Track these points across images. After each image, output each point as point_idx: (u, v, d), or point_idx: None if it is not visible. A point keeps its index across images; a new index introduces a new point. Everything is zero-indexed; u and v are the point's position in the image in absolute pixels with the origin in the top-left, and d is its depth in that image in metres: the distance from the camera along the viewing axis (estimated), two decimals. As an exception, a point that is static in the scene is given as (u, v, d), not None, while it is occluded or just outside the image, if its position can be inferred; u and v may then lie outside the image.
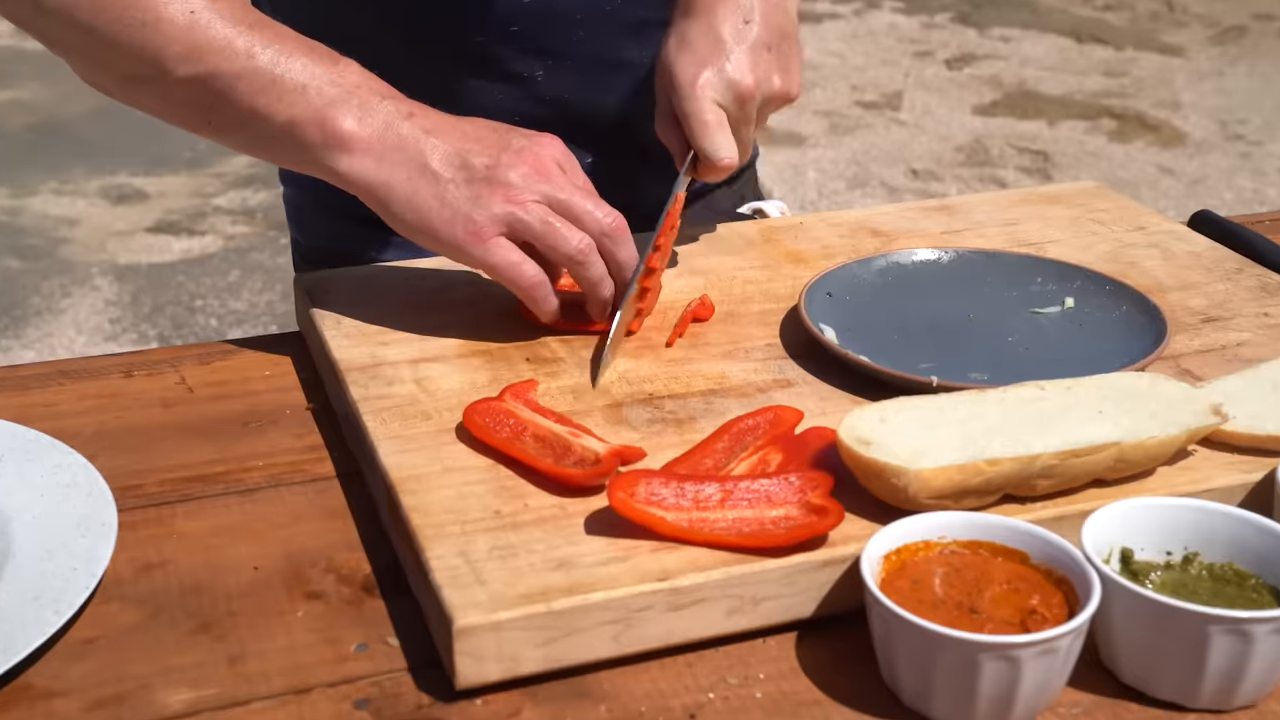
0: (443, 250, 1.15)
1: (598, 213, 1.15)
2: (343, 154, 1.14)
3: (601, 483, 0.97)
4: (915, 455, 0.94)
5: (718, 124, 1.22)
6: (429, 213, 1.14)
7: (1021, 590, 0.87)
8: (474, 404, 1.04)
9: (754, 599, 0.90)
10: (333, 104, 1.14)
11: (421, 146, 1.14)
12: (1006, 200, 1.51)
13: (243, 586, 0.95)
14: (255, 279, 4.05)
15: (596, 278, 1.16)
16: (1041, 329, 1.21)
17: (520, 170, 1.14)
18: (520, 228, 1.14)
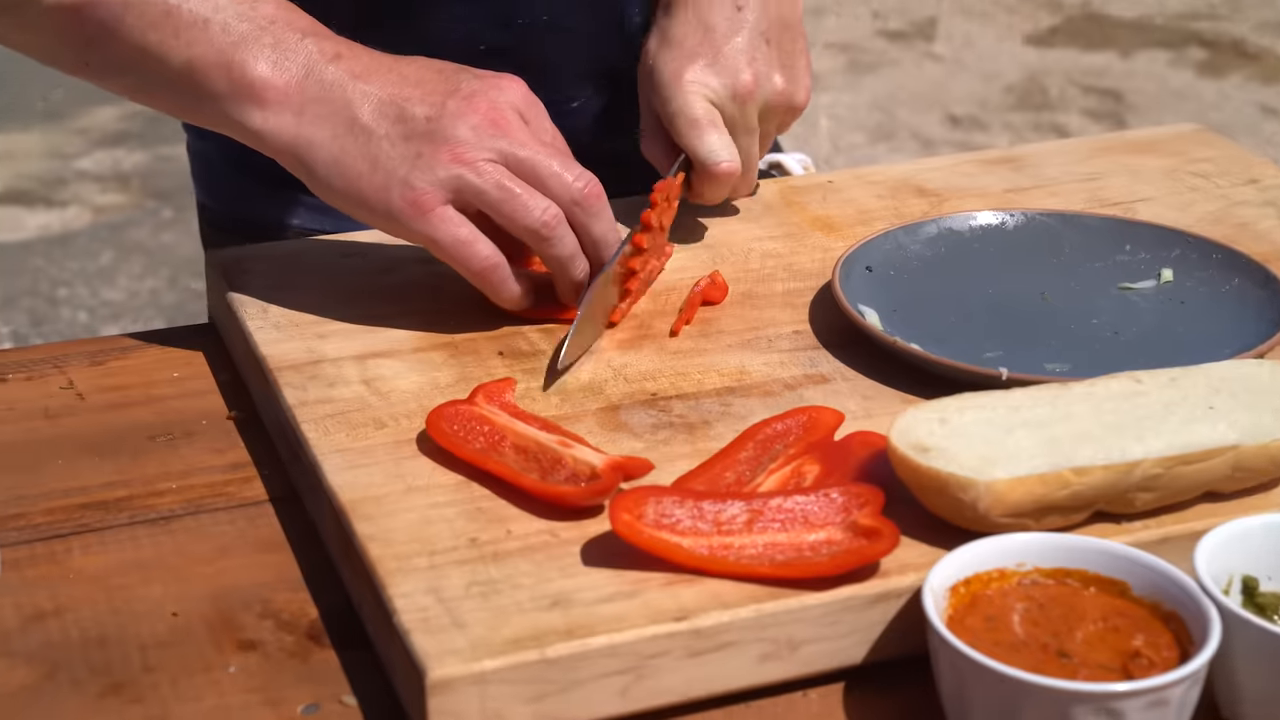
0: (377, 223, 1.16)
1: (566, 175, 1.16)
2: (254, 106, 1.15)
3: (601, 502, 0.99)
4: (985, 464, 0.96)
5: (710, 122, 1.25)
6: (358, 178, 1.15)
7: (1121, 629, 0.89)
8: (439, 409, 1.06)
9: (791, 642, 0.92)
10: (241, 43, 1.15)
11: (349, 95, 1.15)
12: (1085, 149, 1.53)
13: (160, 636, 0.96)
14: (134, 261, 4.05)
15: (566, 255, 1.18)
16: (1133, 308, 1.23)
17: (470, 121, 1.15)
18: (470, 194, 1.15)
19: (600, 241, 1.19)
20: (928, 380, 1.13)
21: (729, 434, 1.08)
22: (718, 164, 1.26)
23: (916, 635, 0.92)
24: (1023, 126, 4.86)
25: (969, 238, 1.31)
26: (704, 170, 1.26)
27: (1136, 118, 4.88)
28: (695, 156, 1.26)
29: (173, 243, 4.11)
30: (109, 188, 4.46)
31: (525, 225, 1.15)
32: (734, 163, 1.26)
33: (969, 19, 5.73)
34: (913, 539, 0.96)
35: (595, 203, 1.18)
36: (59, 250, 4.11)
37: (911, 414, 1.01)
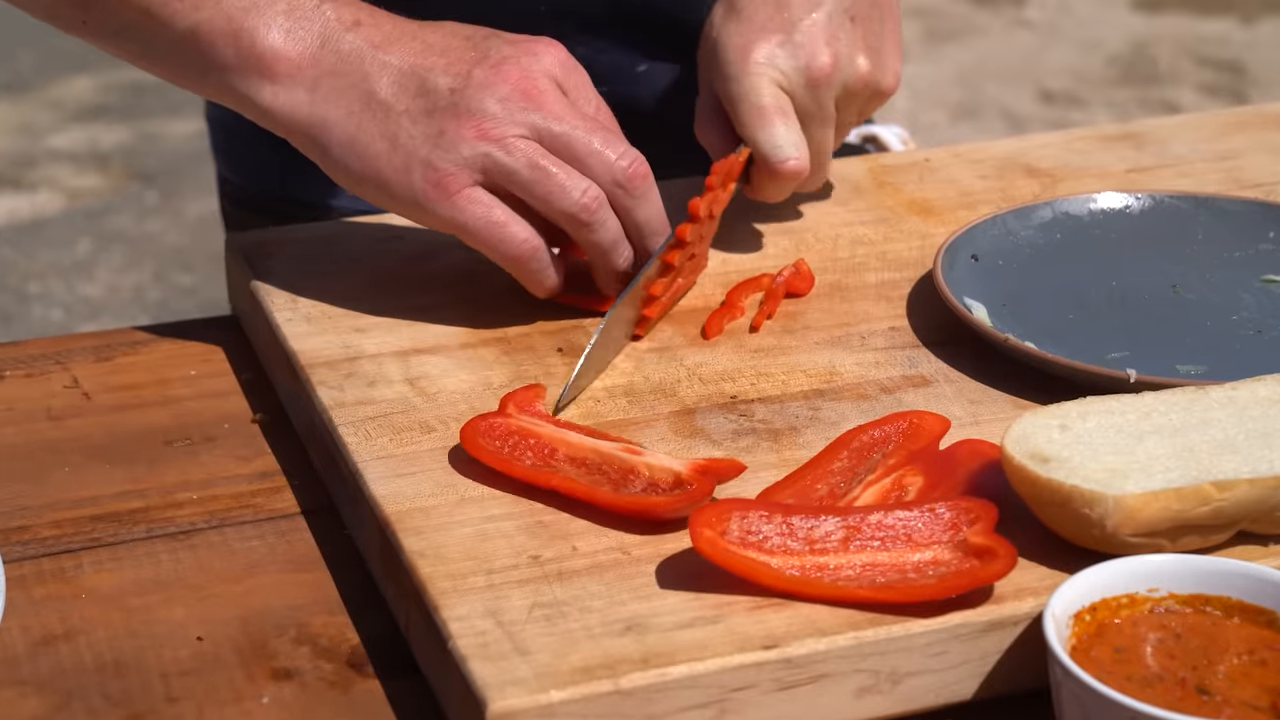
0: (399, 208, 1.19)
1: (609, 152, 1.18)
2: (263, 80, 1.17)
3: (690, 511, 1.00)
4: (1114, 477, 0.97)
5: (778, 110, 1.25)
6: (376, 158, 1.17)
7: (1270, 663, 0.90)
8: (472, 425, 1.08)
9: (893, 675, 0.94)
10: (253, 8, 1.17)
11: (367, 67, 1.17)
12: (1217, 124, 1.55)
13: (183, 663, 0.98)
14: (114, 253, 4.08)
15: (608, 243, 1.19)
16: (1279, 303, 1.25)
17: (500, 92, 1.17)
18: (500, 174, 1.16)
19: (645, 228, 1.20)
20: (1043, 383, 1.14)
21: (819, 442, 1.09)
22: (783, 161, 1.26)
23: (1035, 668, 0.93)
24: (1128, 103, 4.85)
25: (1088, 223, 1.33)
26: (767, 166, 1.26)
27: (1260, 93, 4.86)
28: (758, 150, 1.26)
29: (158, 231, 4.13)
30: (85, 169, 4.48)
31: (562, 209, 1.17)
32: (801, 160, 1.26)
33: (1067, -20, 5.72)
34: (1030, 560, 0.98)
35: (640, 184, 1.19)
36: (29, 240, 4.13)
37: (1027, 420, 1.02)
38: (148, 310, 3.85)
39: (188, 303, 3.81)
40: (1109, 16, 5.45)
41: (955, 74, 5.09)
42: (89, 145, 4.59)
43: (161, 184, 4.31)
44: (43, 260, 4.05)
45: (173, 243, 4.07)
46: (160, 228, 4.15)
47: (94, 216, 4.24)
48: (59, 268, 4.02)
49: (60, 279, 3.98)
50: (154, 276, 3.99)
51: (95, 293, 3.93)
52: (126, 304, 3.88)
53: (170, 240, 4.09)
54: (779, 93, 1.25)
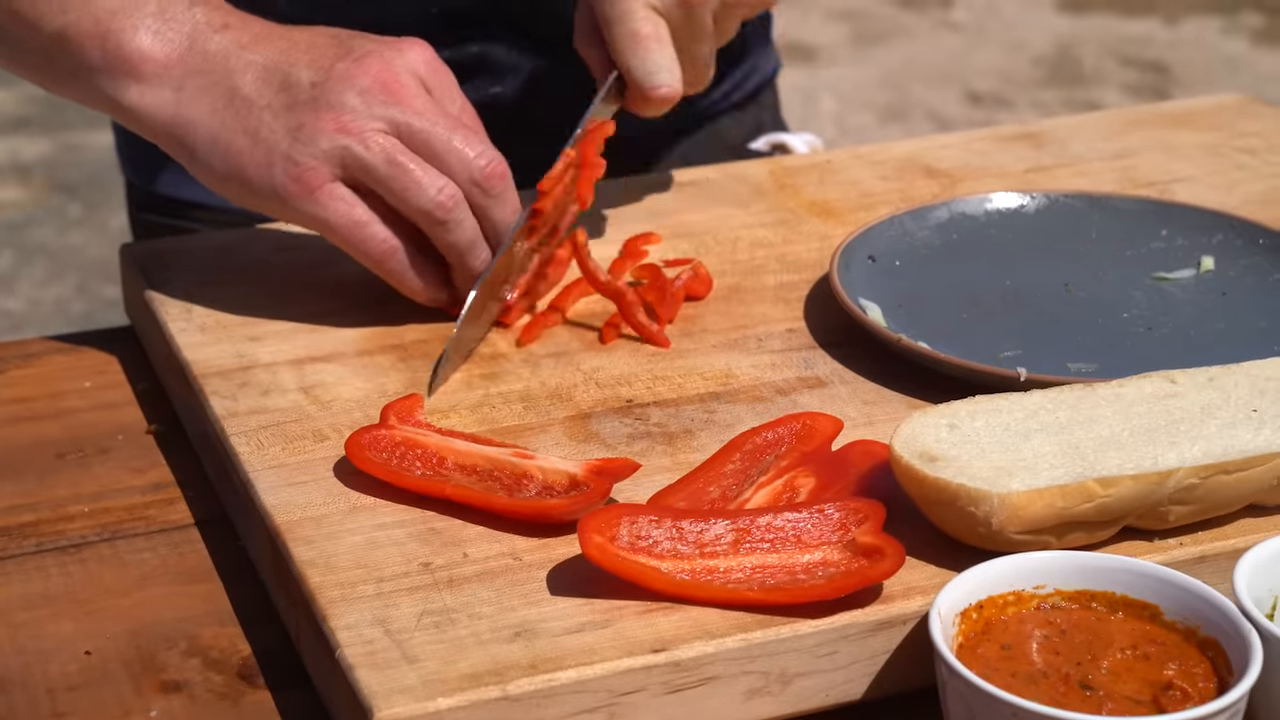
0: (264, 206, 1.18)
1: (468, 150, 1.18)
2: (129, 80, 1.17)
3: (587, 512, 1.00)
4: (1000, 475, 0.98)
5: (654, 37, 1.25)
6: (238, 154, 1.16)
7: (1152, 656, 0.91)
8: (355, 438, 1.08)
9: (783, 675, 0.94)
10: (121, 11, 1.17)
11: (231, 65, 1.17)
12: (1115, 123, 1.56)
13: (71, 678, 0.98)
14: (36, 266, 4.06)
15: (464, 243, 1.19)
16: (1170, 300, 1.26)
17: (360, 85, 1.17)
18: (357, 168, 1.16)
19: (501, 228, 1.20)
20: (936, 382, 1.15)
21: (713, 445, 1.10)
22: (655, 88, 1.25)
23: (925, 666, 0.93)
24: (1054, 104, 4.88)
25: (984, 223, 1.34)
26: (640, 92, 1.26)
27: (1183, 93, 4.90)
28: (630, 75, 1.25)
29: (81, 244, 4.11)
30: (7, 181, 4.46)
31: (418, 206, 1.17)
32: (673, 86, 1.25)
33: (992, -19, 5.75)
34: (919, 559, 0.98)
35: (497, 183, 1.19)
36: (-50, 253, 4.11)
37: (917, 419, 1.03)
38: (71, 323, 3.83)
39: (111, 314, 3.78)
40: (1035, 18, 5.49)
41: (882, 76, 5.11)
42: (10, 157, 4.57)
43: (84, 196, 4.29)
44: (-38, 274, 4.03)
45: (96, 255, 4.05)
46: (83, 240, 4.13)
47: (15, 229, 4.22)
48: (-21, 281, 3.99)
49: (-19, 292, 3.95)
50: (77, 289, 3.97)
51: (17, 306, 3.91)
52: (49, 317, 3.86)
53: (93, 252, 4.07)
54: (653, 15, 1.24)
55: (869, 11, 5.53)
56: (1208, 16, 5.46)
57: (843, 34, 5.36)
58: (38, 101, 4.79)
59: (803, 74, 5.07)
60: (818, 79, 5.06)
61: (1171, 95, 4.89)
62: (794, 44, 5.25)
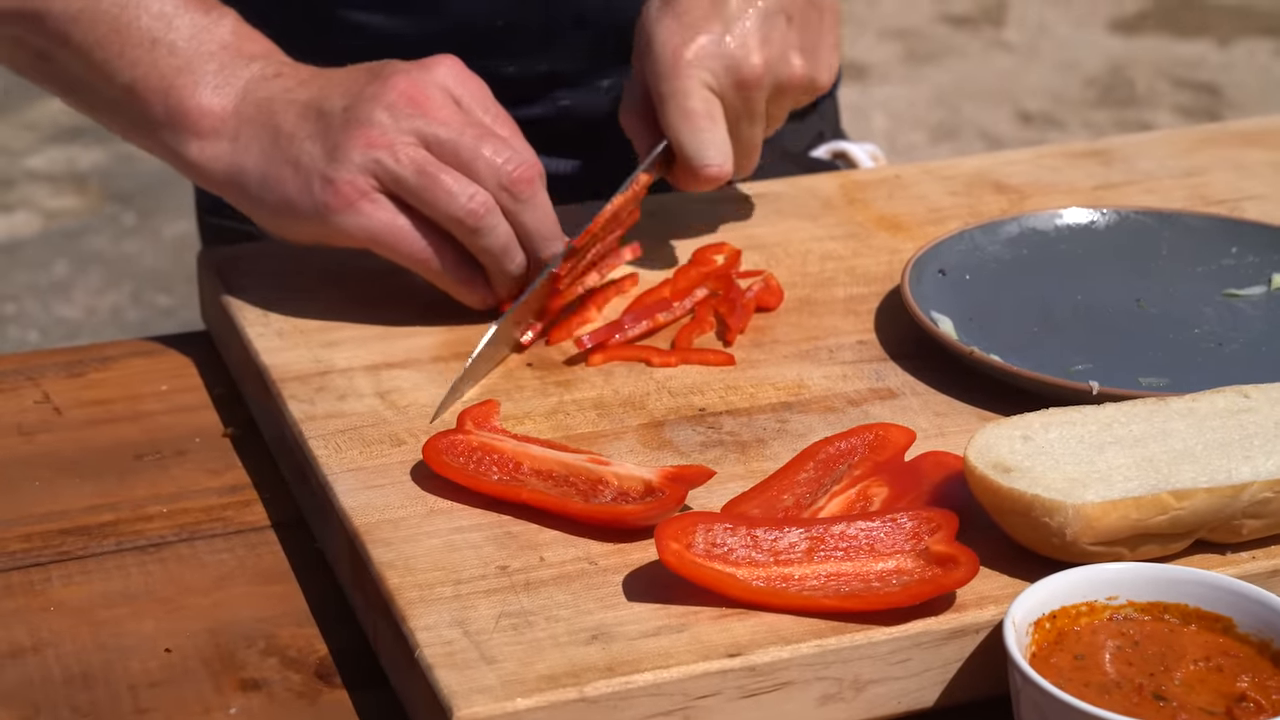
0: (309, 228, 1.21)
1: (496, 157, 1.19)
2: (190, 136, 1.22)
3: (664, 518, 1.01)
4: (1074, 486, 0.99)
5: (706, 115, 1.25)
6: (283, 184, 1.20)
7: (1225, 669, 0.92)
8: (433, 443, 1.09)
9: (856, 682, 0.95)
10: (186, 68, 1.21)
11: (276, 108, 1.21)
12: (1184, 142, 1.56)
13: (152, 675, 0.99)
14: (92, 274, 4.08)
15: (498, 248, 1.21)
16: (1241, 316, 1.27)
17: (387, 101, 1.19)
18: (390, 180, 1.19)
19: (534, 233, 1.21)
20: (1008, 396, 1.16)
21: (786, 454, 1.11)
22: (704, 166, 1.26)
23: (996, 675, 0.94)
24: (1105, 124, 4.87)
25: (1054, 238, 1.35)
26: (689, 169, 1.27)
27: (1237, 115, 4.88)
28: (681, 152, 1.26)
29: (136, 252, 4.13)
30: (62, 189, 4.48)
31: (449, 213, 1.19)
32: (723, 166, 1.26)
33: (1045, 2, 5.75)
34: (992, 569, 0.99)
35: (525, 189, 1.20)
36: (5, 261, 4.13)
37: (991, 431, 1.03)
38: (125, 331, 3.85)
39: (166, 324, 3.80)
40: (1087, 38, 5.47)
41: (934, 95, 5.11)
42: (66, 166, 4.59)
43: (139, 205, 4.31)
44: (19, 281, 4.05)
45: (150, 264, 4.07)
46: (138, 249, 4.15)
47: (71, 237, 4.24)
48: (36, 289, 4.02)
49: (37, 300, 3.98)
50: (131, 297, 3.99)
51: (72, 314, 3.93)
52: (104, 325, 3.88)
53: (148, 261, 4.09)
54: (708, 95, 1.25)
55: (921, 31, 5.52)
56: (1260, 39, 5.44)
57: (895, 53, 5.36)
58: (94, 111, 4.80)
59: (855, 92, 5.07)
60: (870, 97, 5.07)
61: (1224, 117, 4.87)
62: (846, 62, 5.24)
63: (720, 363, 1.21)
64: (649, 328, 1.24)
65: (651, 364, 1.21)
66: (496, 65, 1.40)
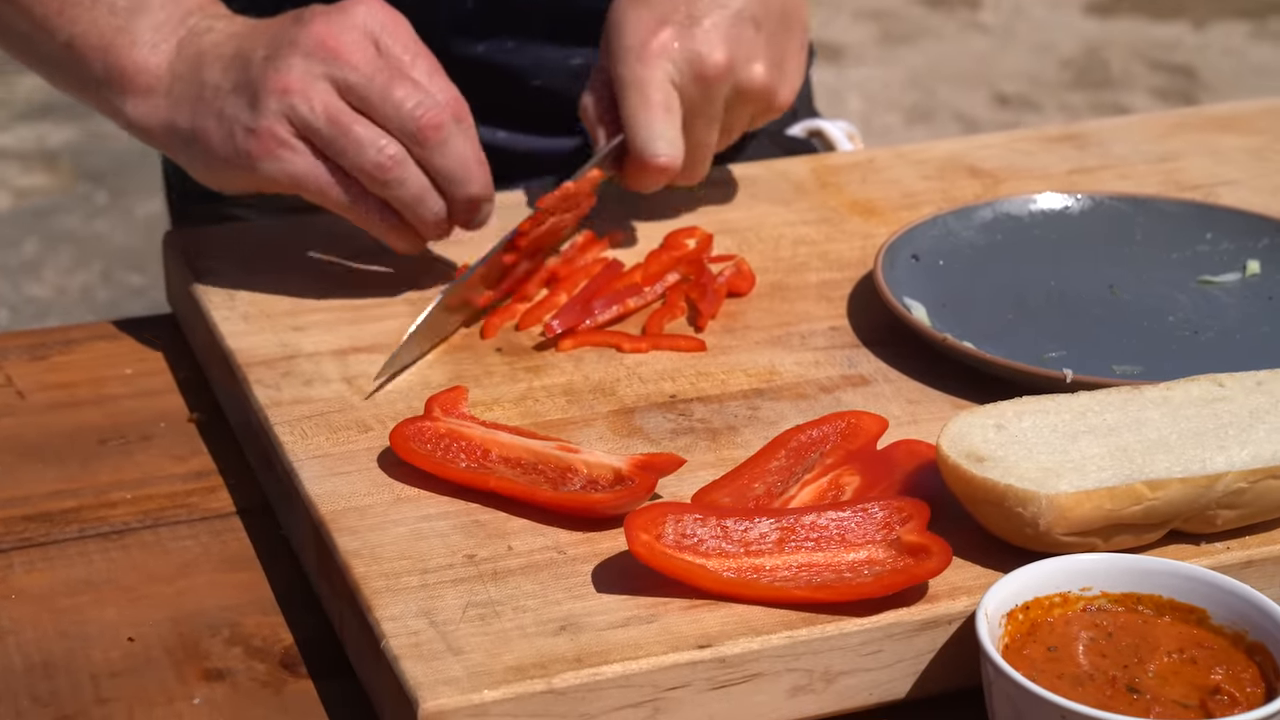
0: (241, 181, 1.20)
1: (406, 102, 1.17)
2: (127, 94, 1.21)
3: (637, 506, 1.00)
4: (1047, 476, 0.98)
5: (664, 106, 1.25)
6: (209, 136, 1.19)
7: (1199, 661, 0.91)
8: (400, 429, 1.08)
9: (827, 673, 0.94)
10: (124, 28, 1.20)
11: (204, 62, 1.20)
12: (1159, 126, 1.56)
13: (114, 664, 0.98)
14: (62, 252, 4.06)
15: (410, 197, 1.19)
16: (1215, 304, 1.26)
17: (304, 48, 1.18)
18: (304, 128, 1.18)
19: (444, 176, 1.19)
20: (981, 383, 1.15)
21: (757, 441, 1.10)
22: (654, 156, 1.25)
23: (968, 666, 0.94)
24: (1081, 107, 4.87)
25: (1028, 223, 1.34)
26: (638, 157, 1.26)
27: (1211, 98, 4.89)
28: (633, 140, 1.26)
29: (107, 231, 4.12)
30: (33, 167, 4.46)
31: (359, 165, 1.18)
32: (672, 158, 1.25)
33: (1021, -17, 5.74)
34: (965, 559, 0.98)
35: (433, 135, 1.18)
36: (-24, 239, 4.12)
37: (964, 419, 1.03)
38: (96, 311, 3.84)
39: (137, 303, 3.79)
40: (1062, 20, 5.48)
41: (910, 77, 5.10)
42: (36, 144, 4.58)
43: (110, 183, 4.30)
44: (-11, 260, 4.04)
45: (121, 242, 4.05)
46: (109, 228, 4.13)
47: (41, 216, 4.23)
48: (5, 268, 4.00)
49: (6, 279, 3.96)
50: (102, 277, 3.98)
51: (42, 293, 3.92)
52: (74, 304, 3.87)
53: (119, 240, 4.07)
54: (669, 88, 1.25)
55: (896, 12, 5.52)
56: (1236, 21, 5.45)
57: (870, 34, 5.36)
58: (64, 88, 4.78)
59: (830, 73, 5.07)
60: (845, 78, 5.06)
61: (1199, 100, 4.88)
62: (821, 43, 5.24)
63: (692, 348, 1.20)
64: (619, 313, 1.23)
65: (622, 349, 1.20)
66: None
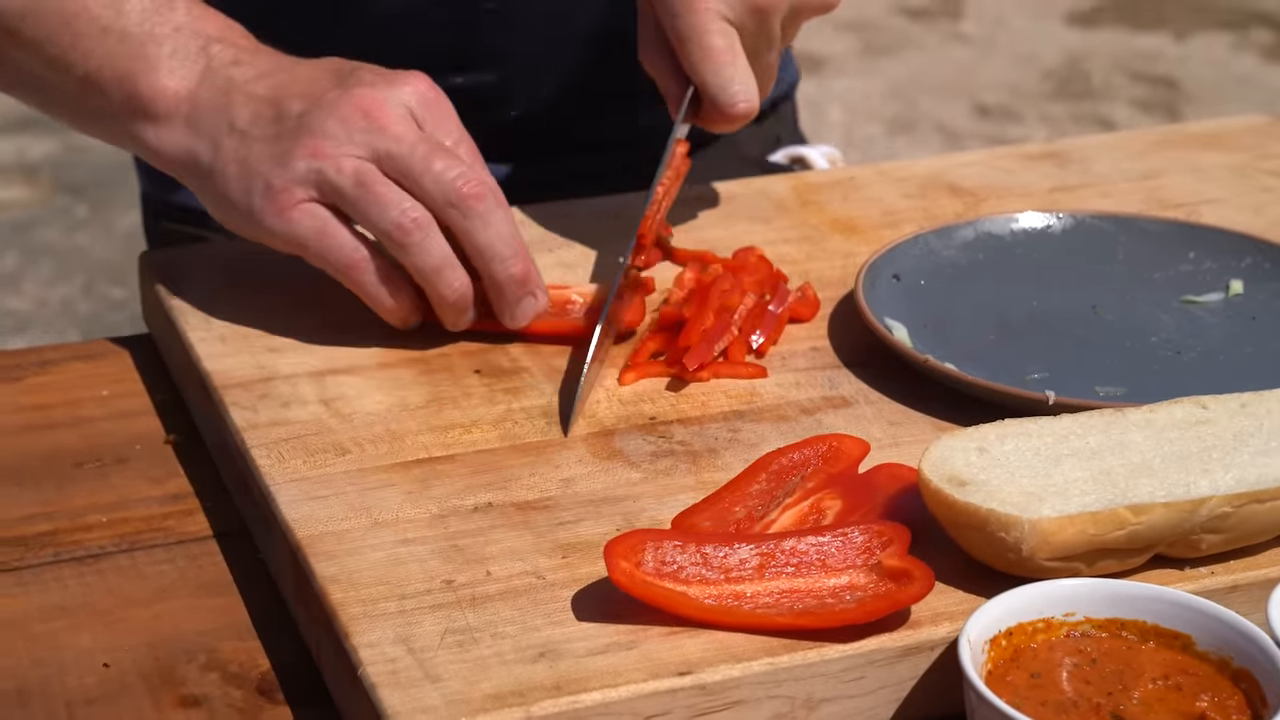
0: (244, 226, 1.19)
1: (447, 173, 1.16)
2: (147, 122, 1.20)
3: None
4: (1030, 500, 0.97)
5: (728, 50, 1.24)
6: (228, 182, 1.18)
7: (1184, 687, 0.91)
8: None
9: (809, 700, 0.94)
10: (139, 54, 1.19)
11: (232, 99, 1.19)
12: (1140, 143, 1.55)
13: (89, 690, 0.97)
14: (42, 265, 4.06)
15: (429, 267, 1.17)
16: (1198, 324, 1.26)
17: (341, 114, 1.17)
18: (330, 191, 1.17)
19: (486, 251, 1.18)
20: (963, 404, 1.14)
21: (738, 464, 1.09)
22: (734, 104, 1.24)
23: (952, 693, 0.93)
24: (1062, 118, 4.89)
25: (1010, 242, 1.33)
26: (718, 109, 1.25)
27: (1193, 109, 4.91)
28: (707, 92, 1.24)
29: (88, 244, 4.11)
30: (12, 180, 4.46)
31: (380, 226, 1.16)
32: (752, 101, 1.24)
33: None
34: (947, 585, 0.98)
35: (475, 205, 1.17)
36: (-45, 252, 4.11)
37: (945, 442, 1.02)
38: (77, 324, 3.83)
39: (118, 316, 3.78)
40: (1044, 31, 5.49)
41: (891, 88, 5.11)
42: (16, 156, 4.57)
43: (90, 196, 4.29)
44: (-32, 273, 4.03)
45: (102, 256, 4.05)
46: (89, 241, 4.13)
47: (21, 229, 4.22)
48: (-16, 281, 4.00)
49: (-14, 292, 3.96)
50: (83, 290, 3.97)
51: (22, 306, 3.91)
52: (54, 318, 3.86)
53: (99, 253, 4.06)
54: (726, 28, 1.24)
55: (878, 23, 5.53)
56: (1218, 32, 5.46)
57: (851, 45, 5.37)
58: (45, 100, 4.77)
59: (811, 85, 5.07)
60: (826, 90, 5.07)
61: (1181, 111, 4.90)
62: (803, 54, 5.25)
63: (752, 375, 1.19)
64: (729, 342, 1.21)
65: (683, 378, 1.18)
66: None
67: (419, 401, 1.15)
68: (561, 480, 1.08)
